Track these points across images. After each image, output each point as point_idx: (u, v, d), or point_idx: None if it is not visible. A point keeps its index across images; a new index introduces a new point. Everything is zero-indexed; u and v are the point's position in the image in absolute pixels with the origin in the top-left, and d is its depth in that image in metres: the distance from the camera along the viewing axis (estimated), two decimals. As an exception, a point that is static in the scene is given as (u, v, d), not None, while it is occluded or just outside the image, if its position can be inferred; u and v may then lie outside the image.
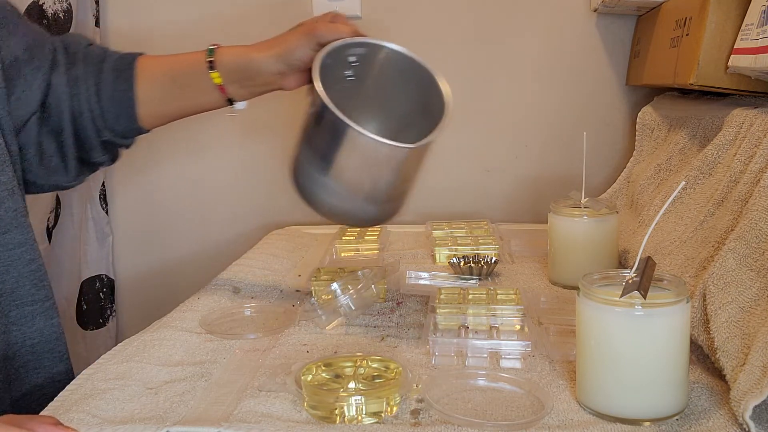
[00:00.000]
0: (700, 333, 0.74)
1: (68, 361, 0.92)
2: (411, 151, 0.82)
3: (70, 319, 1.50)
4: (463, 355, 0.80)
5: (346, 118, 0.79)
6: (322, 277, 1.01)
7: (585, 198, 1.04)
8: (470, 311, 0.87)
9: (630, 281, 0.65)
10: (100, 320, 1.58)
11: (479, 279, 1.08)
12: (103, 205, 1.57)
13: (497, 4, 1.48)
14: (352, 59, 0.91)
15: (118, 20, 1.54)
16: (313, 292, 1.00)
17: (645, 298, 0.62)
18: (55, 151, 0.93)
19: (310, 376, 0.71)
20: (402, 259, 1.15)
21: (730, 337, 0.68)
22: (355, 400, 0.66)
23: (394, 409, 0.67)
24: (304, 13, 1.50)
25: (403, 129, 0.90)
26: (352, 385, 0.69)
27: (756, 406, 0.59)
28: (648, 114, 1.33)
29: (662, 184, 1.12)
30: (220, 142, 1.56)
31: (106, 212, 1.58)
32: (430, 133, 0.83)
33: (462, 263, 1.09)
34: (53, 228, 1.44)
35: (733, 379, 0.64)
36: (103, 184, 1.57)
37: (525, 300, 0.92)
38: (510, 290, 0.93)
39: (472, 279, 1.08)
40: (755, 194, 0.76)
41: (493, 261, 1.10)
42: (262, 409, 0.68)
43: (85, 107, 0.93)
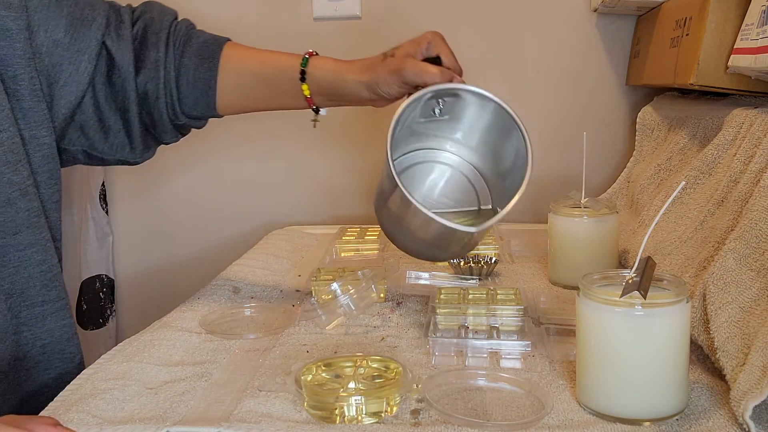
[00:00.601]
0: (700, 333, 0.74)
1: (81, 363, 0.91)
2: (477, 233, 0.82)
3: (70, 319, 1.50)
4: (463, 355, 0.80)
5: (419, 203, 0.79)
6: (322, 277, 1.01)
7: (585, 198, 1.04)
8: (470, 311, 0.87)
9: (630, 281, 0.65)
10: (100, 320, 1.58)
11: (479, 279, 1.08)
12: (103, 205, 1.57)
13: (497, 5, 1.48)
14: (436, 110, 0.90)
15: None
16: (313, 292, 1.00)
17: (645, 298, 0.62)
18: (120, 128, 0.93)
19: (310, 376, 0.71)
20: (402, 259, 1.15)
21: (730, 337, 0.68)
22: (355, 400, 0.66)
23: (394, 409, 0.67)
24: (304, 12, 1.50)
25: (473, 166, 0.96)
26: (352, 385, 0.69)
27: (756, 406, 0.59)
28: (648, 114, 1.33)
29: (662, 184, 1.12)
30: (220, 143, 1.56)
31: (106, 212, 1.58)
32: (494, 196, 0.93)
33: (462, 263, 1.09)
34: (53, 228, 1.44)
35: (733, 379, 0.64)
36: (103, 184, 1.57)
37: (525, 300, 0.92)
38: (510, 290, 0.93)
39: (472, 279, 1.08)
40: (755, 194, 0.76)
41: (493, 261, 1.10)
42: (262, 409, 0.68)
43: (162, 92, 0.92)
